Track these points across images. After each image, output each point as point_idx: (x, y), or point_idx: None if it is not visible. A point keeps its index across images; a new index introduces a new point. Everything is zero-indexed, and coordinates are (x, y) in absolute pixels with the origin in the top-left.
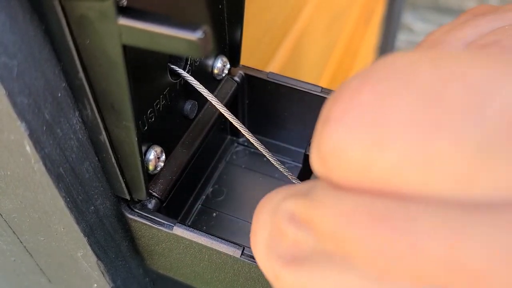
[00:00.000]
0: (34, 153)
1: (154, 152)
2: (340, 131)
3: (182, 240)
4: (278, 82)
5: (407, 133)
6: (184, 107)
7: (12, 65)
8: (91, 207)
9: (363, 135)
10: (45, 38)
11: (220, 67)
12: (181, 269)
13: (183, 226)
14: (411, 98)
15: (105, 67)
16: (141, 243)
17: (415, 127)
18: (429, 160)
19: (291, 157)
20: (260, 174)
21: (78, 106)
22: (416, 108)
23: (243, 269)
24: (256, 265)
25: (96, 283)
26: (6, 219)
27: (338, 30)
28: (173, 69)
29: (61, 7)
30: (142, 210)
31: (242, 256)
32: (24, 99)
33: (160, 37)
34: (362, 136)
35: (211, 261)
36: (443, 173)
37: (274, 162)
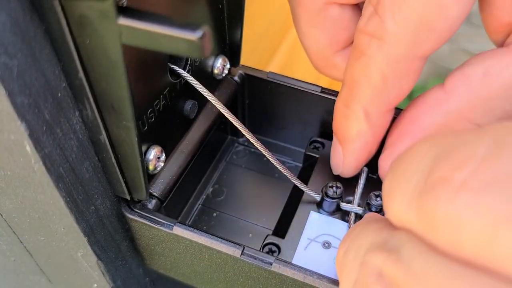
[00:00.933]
0: (34, 153)
1: (154, 152)
2: (465, 199)
3: (182, 240)
4: (278, 81)
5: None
6: (184, 107)
7: (12, 65)
8: (91, 207)
9: (494, 209)
10: (45, 38)
11: (220, 67)
12: (181, 269)
13: (183, 226)
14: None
15: (105, 67)
16: (141, 243)
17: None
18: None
19: (291, 157)
20: (260, 174)
21: (78, 106)
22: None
23: (243, 269)
24: (256, 265)
25: (96, 283)
26: (6, 219)
27: None
28: (173, 69)
29: (61, 7)
30: (142, 210)
31: (242, 255)
32: (24, 99)
33: (160, 37)
34: (493, 209)
35: (211, 261)
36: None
37: (274, 162)
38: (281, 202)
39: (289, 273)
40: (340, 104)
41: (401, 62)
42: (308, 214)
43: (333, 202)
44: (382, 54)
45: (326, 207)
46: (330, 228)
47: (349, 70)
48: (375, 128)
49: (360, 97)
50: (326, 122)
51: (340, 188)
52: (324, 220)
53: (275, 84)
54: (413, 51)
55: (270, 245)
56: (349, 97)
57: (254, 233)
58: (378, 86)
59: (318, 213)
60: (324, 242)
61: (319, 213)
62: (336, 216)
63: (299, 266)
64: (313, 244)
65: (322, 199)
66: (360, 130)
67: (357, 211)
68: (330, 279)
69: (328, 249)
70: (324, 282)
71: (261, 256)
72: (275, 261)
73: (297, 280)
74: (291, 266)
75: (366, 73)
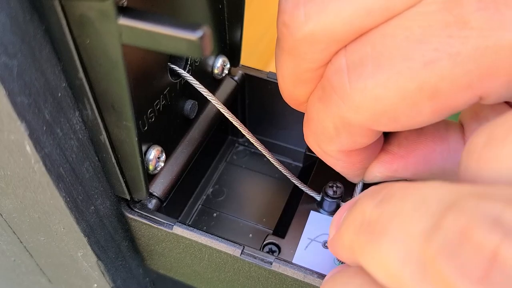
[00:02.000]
0: (34, 153)
1: (154, 152)
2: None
3: (182, 240)
4: None
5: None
6: (184, 107)
7: (12, 65)
8: (91, 207)
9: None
10: (45, 38)
11: (220, 67)
12: (181, 269)
13: (183, 225)
14: None
15: (105, 67)
16: (141, 243)
17: None
18: None
19: (291, 157)
20: (260, 174)
21: (78, 106)
22: None
23: (243, 268)
24: (256, 264)
25: (96, 283)
26: (6, 219)
27: None
28: (173, 69)
29: (61, 7)
30: (142, 210)
31: (242, 255)
32: (24, 99)
33: (160, 37)
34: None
35: (211, 261)
36: None
37: (274, 162)
38: (281, 202)
39: (289, 273)
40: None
41: (356, 127)
42: (308, 214)
43: (333, 201)
44: (339, 111)
45: (326, 207)
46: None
47: (309, 105)
48: (349, 159)
49: (318, 135)
50: None
51: (340, 188)
52: (324, 219)
53: (275, 84)
54: (370, 126)
55: (270, 245)
56: (306, 131)
57: (254, 233)
58: (331, 134)
59: (318, 213)
60: (324, 242)
61: (319, 212)
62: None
63: (299, 265)
64: (313, 244)
65: (322, 198)
66: (337, 164)
67: None
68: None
69: (328, 249)
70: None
71: (261, 256)
72: (275, 260)
73: (297, 279)
74: (291, 265)
75: (321, 117)
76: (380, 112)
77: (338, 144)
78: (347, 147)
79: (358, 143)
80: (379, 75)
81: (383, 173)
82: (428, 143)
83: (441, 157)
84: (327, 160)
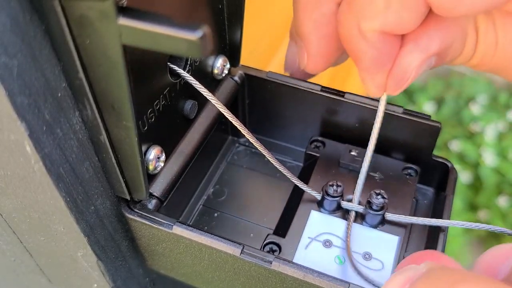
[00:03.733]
0: (34, 153)
1: (154, 152)
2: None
3: (182, 240)
4: (278, 81)
5: None
6: (184, 107)
7: (12, 65)
8: (91, 207)
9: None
10: (45, 38)
11: (220, 67)
12: (182, 269)
13: (183, 225)
14: None
15: (105, 67)
16: (142, 243)
17: None
18: None
19: (292, 157)
20: (261, 174)
21: (78, 106)
22: None
23: (243, 268)
24: (256, 263)
25: (96, 283)
26: (6, 219)
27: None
28: (173, 69)
29: (61, 7)
30: (142, 210)
31: (242, 254)
32: (24, 99)
33: (160, 37)
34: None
35: (211, 260)
36: None
37: (274, 162)
38: (282, 202)
39: (289, 272)
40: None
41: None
42: (308, 213)
43: (334, 200)
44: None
45: (326, 206)
46: (331, 227)
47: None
48: (383, 45)
49: (362, 11)
50: (326, 121)
51: (340, 187)
52: (325, 219)
53: (275, 83)
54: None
55: (270, 244)
56: (345, 11)
57: (255, 233)
58: (379, 7)
59: (319, 212)
60: (325, 241)
61: (320, 212)
62: (337, 214)
63: (299, 264)
64: (314, 243)
65: (322, 197)
66: (367, 53)
67: (358, 209)
68: (331, 277)
69: (329, 248)
70: (325, 280)
71: (261, 255)
72: (275, 259)
73: (297, 278)
74: (291, 264)
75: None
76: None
77: (383, 19)
78: (391, 25)
79: (403, 21)
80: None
81: (418, 58)
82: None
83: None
84: (359, 45)
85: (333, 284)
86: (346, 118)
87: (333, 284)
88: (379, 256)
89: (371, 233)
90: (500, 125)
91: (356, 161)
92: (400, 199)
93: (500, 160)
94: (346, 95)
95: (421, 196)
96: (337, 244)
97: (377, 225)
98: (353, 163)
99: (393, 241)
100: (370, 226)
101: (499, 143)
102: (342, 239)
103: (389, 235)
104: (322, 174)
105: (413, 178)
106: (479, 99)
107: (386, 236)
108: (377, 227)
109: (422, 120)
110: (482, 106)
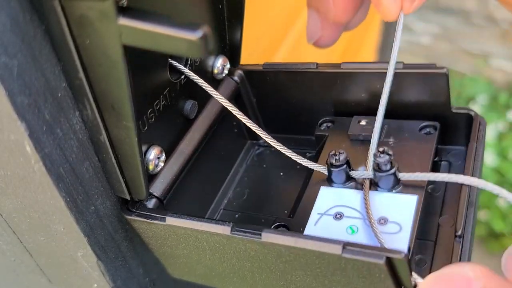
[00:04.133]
0: (34, 153)
1: (154, 152)
2: None
3: (178, 230)
4: (274, 69)
5: None
6: (184, 107)
7: (12, 65)
8: (91, 207)
9: None
10: (45, 38)
11: (220, 67)
12: (195, 269)
13: (174, 214)
14: None
15: (105, 67)
16: (152, 247)
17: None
18: None
19: (311, 147)
20: (280, 169)
21: (78, 106)
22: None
23: (240, 249)
24: (247, 239)
25: (96, 283)
26: (6, 219)
27: None
28: (174, 67)
29: (61, 7)
30: (142, 209)
31: (232, 232)
32: (24, 99)
33: (160, 37)
34: None
35: (212, 249)
36: None
37: (281, 148)
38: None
39: (279, 240)
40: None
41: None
42: (318, 190)
43: (340, 170)
44: None
45: (335, 179)
46: (342, 199)
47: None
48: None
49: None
50: (333, 99)
51: (342, 154)
52: (336, 192)
53: (272, 73)
54: None
55: (279, 227)
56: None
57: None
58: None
59: (329, 187)
60: (336, 214)
61: (330, 187)
62: (349, 186)
63: (289, 232)
64: (324, 218)
65: (329, 171)
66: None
67: (367, 175)
68: (323, 239)
69: (340, 220)
70: (317, 242)
71: (251, 229)
72: (264, 231)
73: (289, 246)
74: (281, 232)
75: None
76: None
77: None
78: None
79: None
80: None
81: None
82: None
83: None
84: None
85: (327, 244)
86: (350, 91)
87: (326, 245)
88: (396, 219)
89: (386, 197)
90: (500, 125)
91: (366, 130)
92: (419, 159)
93: (500, 160)
94: (342, 65)
95: (453, 158)
96: (349, 215)
97: (392, 187)
98: (363, 132)
99: (411, 201)
100: (386, 190)
101: (499, 143)
102: (355, 209)
103: (405, 195)
104: (331, 149)
105: (433, 135)
106: (479, 99)
107: (403, 198)
108: (393, 190)
109: (426, 70)
110: (482, 106)
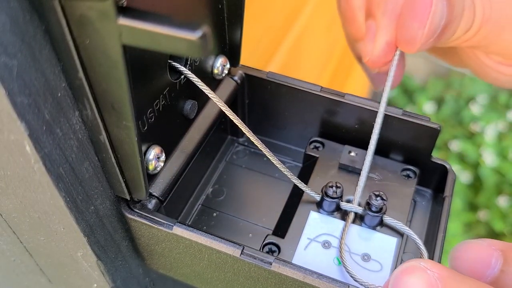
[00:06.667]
0: (34, 153)
1: (154, 152)
2: None
3: (182, 240)
4: (277, 81)
5: None
6: (184, 107)
7: (12, 65)
8: (91, 207)
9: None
10: (45, 38)
11: (220, 67)
12: (181, 269)
13: (183, 225)
14: None
15: (105, 67)
16: (141, 243)
17: None
18: None
19: (291, 157)
20: (260, 174)
21: (78, 106)
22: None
23: (243, 269)
24: (256, 264)
25: (96, 283)
26: (6, 219)
27: (338, 30)
28: (174, 67)
29: (61, 7)
30: (142, 210)
31: (242, 255)
32: (24, 99)
33: (160, 37)
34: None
35: (210, 261)
36: None
37: (274, 161)
38: (281, 202)
39: (288, 273)
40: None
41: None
42: (308, 214)
43: (333, 201)
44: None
45: (326, 207)
46: (330, 227)
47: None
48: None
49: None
50: (326, 121)
51: (340, 188)
52: (324, 219)
53: (275, 84)
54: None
55: (270, 245)
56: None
57: (254, 233)
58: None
59: (318, 213)
60: (324, 242)
61: (319, 212)
62: (336, 215)
63: (298, 265)
64: (313, 244)
65: (322, 198)
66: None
67: (357, 210)
68: (330, 279)
69: (328, 249)
70: (324, 281)
71: (261, 256)
72: (275, 261)
73: (297, 279)
74: (291, 265)
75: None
76: None
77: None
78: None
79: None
80: None
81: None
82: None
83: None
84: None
85: (333, 285)
86: (345, 119)
87: (332, 286)
88: (378, 258)
89: (370, 234)
90: (500, 125)
91: (356, 162)
92: (399, 201)
93: (500, 160)
94: (346, 96)
95: (420, 198)
96: (336, 245)
97: (375, 226)
98: (353, 164)
99: (391, 242)
100: (369, 227)
101: (499, 143)
102: (340, 240)
103: (387, 236)
104: (322, 175)
105: (412, 179)
106: (479, 99)
107: (385, 238)
108: (376, 228)
109: (421, 122)
110: (482, 106)
